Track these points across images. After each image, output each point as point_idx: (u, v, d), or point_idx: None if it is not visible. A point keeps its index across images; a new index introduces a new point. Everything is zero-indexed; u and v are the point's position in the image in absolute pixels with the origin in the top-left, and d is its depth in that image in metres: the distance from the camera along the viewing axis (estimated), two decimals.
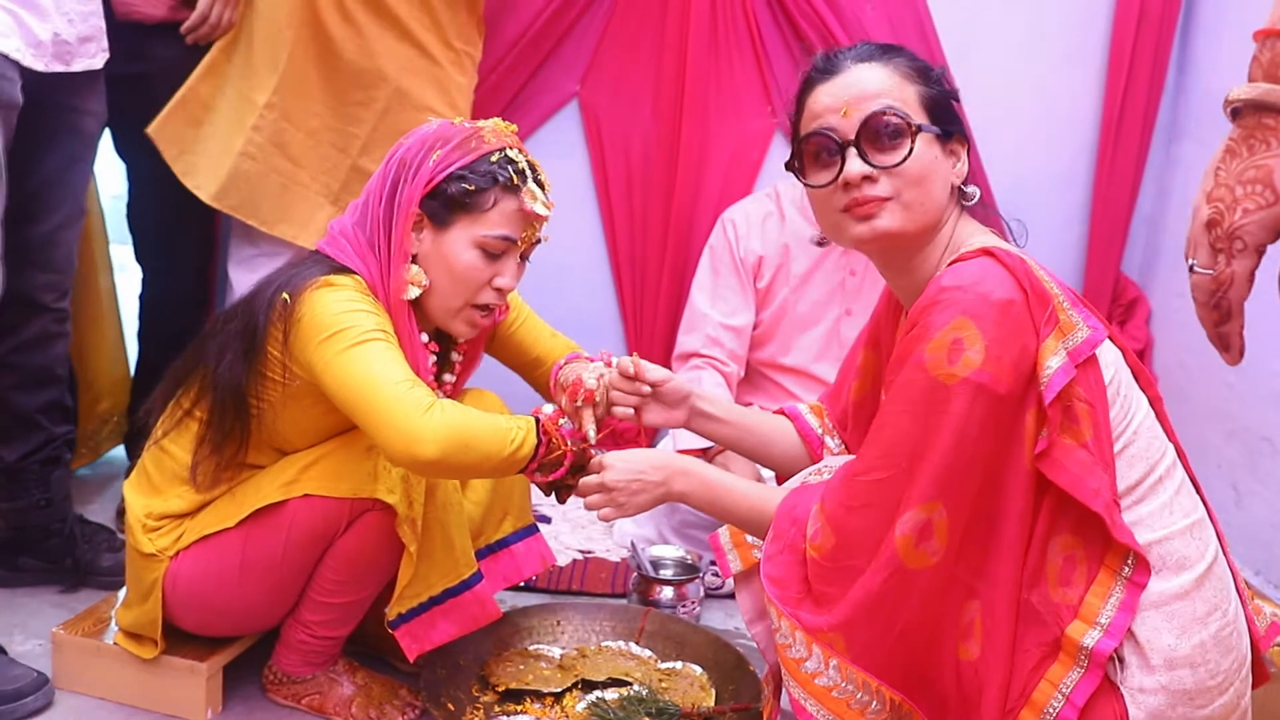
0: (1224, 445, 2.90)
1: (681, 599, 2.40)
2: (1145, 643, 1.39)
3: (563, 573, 2.64)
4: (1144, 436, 1.44)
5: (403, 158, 1.86)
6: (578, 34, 3.12)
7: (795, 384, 2.89)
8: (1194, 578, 1.42)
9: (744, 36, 3.10)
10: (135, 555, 1.97)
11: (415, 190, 1.83)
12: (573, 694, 2.07)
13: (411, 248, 1.86)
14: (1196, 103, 3.14)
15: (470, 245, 1.85)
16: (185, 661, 1.99)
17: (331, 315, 1.75)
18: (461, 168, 1.83)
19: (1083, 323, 1.41)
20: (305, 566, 1.93)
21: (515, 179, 1.85)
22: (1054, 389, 1.35)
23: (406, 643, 1.94)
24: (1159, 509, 1.43)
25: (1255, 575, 2.72)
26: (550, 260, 3.22)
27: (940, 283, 1.42)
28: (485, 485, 2.11)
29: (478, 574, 2.00)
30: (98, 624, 2.09)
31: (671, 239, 3.15)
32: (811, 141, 1.55)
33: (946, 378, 1.37)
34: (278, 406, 1.87)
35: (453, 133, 1.86)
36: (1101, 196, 3.21)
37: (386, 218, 1.85)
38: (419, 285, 1.86)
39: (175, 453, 1.95)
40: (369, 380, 1.70)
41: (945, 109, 1.55)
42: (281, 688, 2.05)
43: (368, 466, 1.85)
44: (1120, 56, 3.11)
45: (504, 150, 1.86)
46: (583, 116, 3.19)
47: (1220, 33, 3.05)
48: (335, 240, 1.88)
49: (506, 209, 1.86)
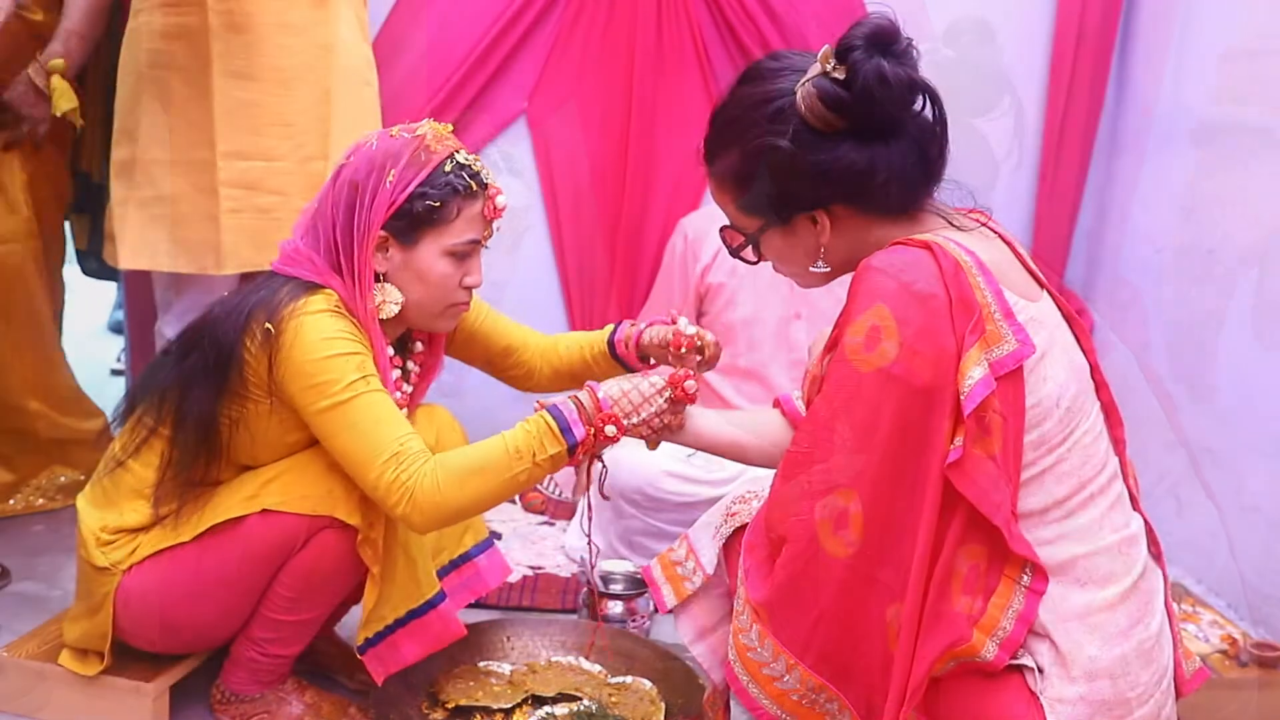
0: (1165, 455, 2.94)
1: (631, 614, 2.41)
2: (1066, 653, 1.39)
3: (513, 589, 2.64)
4: (1079, 453, 1.43)
5: (352, 180, 1.83)
6: (525, 51, 3.13)
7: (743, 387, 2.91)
8: (1119, 591, 1.42)
9: (689, 52, 3.12)
10: (87, 569, 1.95)
11: (377, 215, 1.82)
12: (522, 710, 2.07)
13: (379, 267, 1.86)
14: (1135, 119, 3.20)
15: (440, 255, 1.86)
16: (131, 682, 1.97)
17: (318, 358, 1.75)
18: (420, 184, 1.82)
19: (1012, 336, 1.36)
20: (260, 583, 1.91)
21: (472, 184, 1.86)
22: (974, 400, 1.32)
23: (374, 666, 1.94)
24: (1089, 524, 1.43)
25: (1197, 584, 2.76)
26: (498, 277, 3.25)
27: (870, 262, 1.40)
28: None
29: (440, 593, 1.99)
30: (42, 645, 2.07)
31: (620, 254, 3.18)
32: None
33: (862, 364, 1.36)
34: (251, 424, 1.86)
35: (400, 147, 1.84)
36: (1044, 211, 3.26)
37: (345, 242, 1.83)
38: (396, 304, 1.87)
39: (136, 469, 1.94)
40: (355, 453, 1.74)
41: (774, 196, 1.50)
42: (229, 707, 2.03)
43: (328, 484, 1.84)
44: (1060, 73, 3.17)
45: (453, 156, 1.86)
46: (531, 133, 3.20)
47: (1155, 50, 3.11)
48: (294, 260, 1.86)
49: (469, 215, 1.87)
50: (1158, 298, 3.04)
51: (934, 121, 1.48)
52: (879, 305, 1.36)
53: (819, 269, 1.54)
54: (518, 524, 3.01)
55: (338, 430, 1.75)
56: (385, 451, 1.72)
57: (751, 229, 1.56)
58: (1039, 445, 1.40)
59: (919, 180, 1.49)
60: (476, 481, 1.71)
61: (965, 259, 1.38)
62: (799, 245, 1.54)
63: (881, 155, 1.44)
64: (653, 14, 3.07)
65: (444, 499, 1.70)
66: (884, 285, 1.37)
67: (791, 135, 1.45)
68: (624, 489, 2.67)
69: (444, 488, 1.70)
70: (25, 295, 2.79)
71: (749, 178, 1.51)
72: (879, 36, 1.42)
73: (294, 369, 1.76)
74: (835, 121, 1.43)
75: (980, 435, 1.34)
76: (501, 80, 3.14)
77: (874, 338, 1.35)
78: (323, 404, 1.75)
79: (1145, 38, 3.16)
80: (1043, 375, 1.41)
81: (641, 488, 2.67)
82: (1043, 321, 1.44)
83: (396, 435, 1.73)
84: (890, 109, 1.43)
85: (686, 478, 2.70)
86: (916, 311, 1.35)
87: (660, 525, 2.69)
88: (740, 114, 1.51)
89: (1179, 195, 2.97)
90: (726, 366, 2.92)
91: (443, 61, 3.07)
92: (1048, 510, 1.42)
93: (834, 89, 1.42)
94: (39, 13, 2.71)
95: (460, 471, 1.71)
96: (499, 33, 3.07)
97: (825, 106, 1.42)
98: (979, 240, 1.47)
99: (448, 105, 3.08)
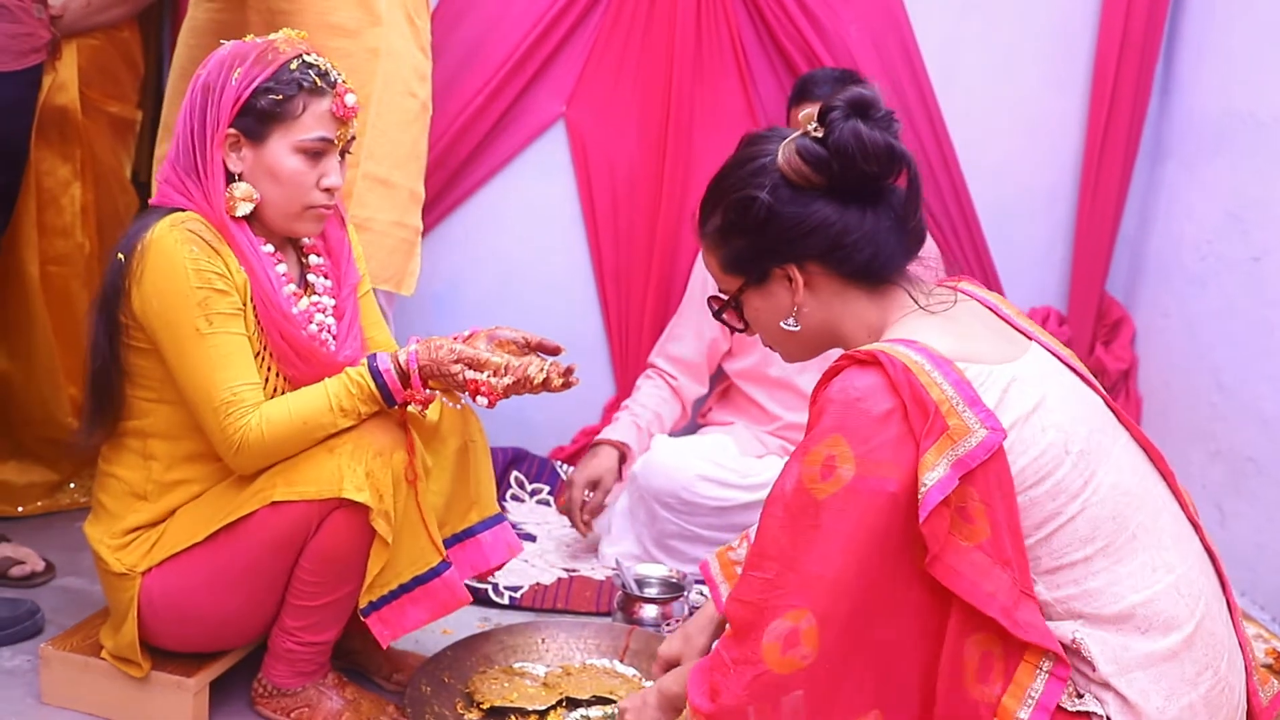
0: (1208, 465, 2.92)
1: (666, 617, 2.42)
2: (1135, 703, 1.37)
3: (547, 591, 2.65)
4: (1109, 501, 1.41)
5: (206, 83, 1.91)
6: (564, 56, 3.14)
7: (776, 395, 2.91)
8: (1183, 638, 1.40)
9: (729, 56, 3.12)
10: (108, 579, 1.99)
11: (224, 111, 1.89)
12: (557, 712, 2.08)
13: (234, 167, 1.93)
14: (1180, 124, 3.17)
15: (290, 152, 1.92)
16: (173, 677, 2.00)
17: (163, 291, 1.84)
18: (265, 80, 1.89)
19: (979, 424, 1.36)
20: (280, 573, 1.94)
21: (319, 81, 1.92)
22: (928, 505, 1.33)
23: (378, 629, 1.96)
24: (1139, 568, 1.41)
25: (1241, 596, 2.73)
26: (536, 279, 3.28)
27: (828, 393, 1.42)
28: (449, 475, 2.11)
29: (446, 561, 2.01)
30: (86, 639, 2.10)
31: (656, 259, 3.18)
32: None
33: (818, 492, 1.38)
34: (140, 359, 1.93)
35: (248, 49, 1.93)
36: (1085, 218, 3.23)
37: (201, 143, 1.91)
38: (250, 201, 1.93)
39: (120, 473, 1.98)
40: (192, 395, 1.87)
41: (751, 251, 1.55)
42: (270, 701, 2.05)
43: (331, 466, 1.87)
44: (1104, 78, 3.14)
45: (300, 56, 1.93)
46: (569, 137, 3.21)
47: (1204, 54, 3.09)
48: (162, 189, 1.96)
49: (317, 111, 1.93)
50: (1201, 307, 3.01)
51: (909, 194, 1.52)
52: (835, 436, 1.39)
53: (789, 326, 1.57)
54: (551, 527, 3.02)
55: (178, 369, 1.87)
56: (216, 398, 1.85)
57: (732, 289, 1.60)
58: (1056, 494, 1.40)
59: (894, 250, 1.53)
60: (300, 436, 1.87)
61: (916, 359, 1.39)
62: (775, 306, 1.58)
63: (855, 217, 1.50)
64: (692, 18, 3.07)
65: (267, 450, 1.87)
66: (841, 418, 1.39)
67: (770, 188, 1.51)
68: (658, 493, 2.67)
69: (268, 439, 1.85)
70: (72, 318, 2.84)
71: (730, 232, 1.56)
72: (859, 102, 1.48)
73: (143, 302, 1.86)
74: (813, 177, 1.49)
75: (962, 524, 1.35)
76: (540, 84, 3.16)
77: (829, 467, 1.38)
78: (165, 340, 1.86)
79: (1191, 42, 3.13)
80: (1040, 425, 1.41)
81: (676, 492, 2.67)
82: (1027, 377, 1.44)
83: (230, 384, 1.85)
84: (866, 168, 1.47)
85: (721, 482, 2.69)
86: (875, 430, 1.38)
87: (694, 529, 2.69)
88: (726, 173, 1.59)
89: (1224, 202, 2.94)
90: (759, 377, 2.93)
91: (482, 65, 3.09)
92: (1091, 559, 1.41)
93: (812, 145, 1.48)
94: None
95: (286, 426, 1.86)
96: (538, 37, 3.09)
97: (803, 161, 1.48)
98: (941, 325, 1.49)
99: (486, 109, 3.10)
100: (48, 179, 2.74)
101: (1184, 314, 3.09)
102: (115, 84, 2.89)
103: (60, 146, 2.75)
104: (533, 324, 2.25)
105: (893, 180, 1.51)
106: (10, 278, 2.72)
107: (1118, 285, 3.35)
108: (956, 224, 3.20)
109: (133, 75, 2.95)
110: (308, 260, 2.09)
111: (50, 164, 2.74)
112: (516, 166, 3.22)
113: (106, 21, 2.80)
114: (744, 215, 1.53)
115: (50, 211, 2.77)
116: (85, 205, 2.83)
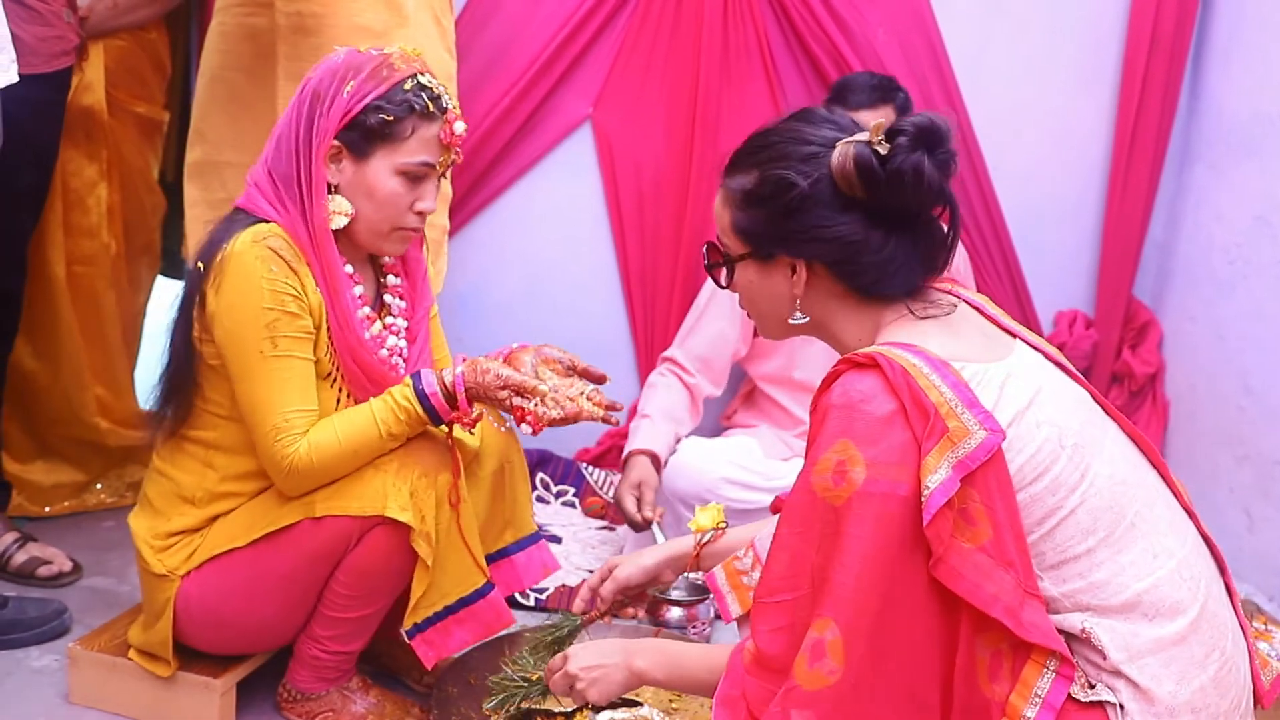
0: (1236, 469, 2.90)
1: (692, 620, 2.41)
2: (1147, 689, 1.37)
3: (574, 593, 2.64)
4: (1105, 492, 1.41)
5: (315, 90, 1.88)
6: (591, 58, 3.14)
7: (799, 398, 2.89)
8: (1189, 621, 1.40)
9: (755, 58, 3.11)
10: (147, 578, 1.99)
11: (331, 122, 1.86)
12: (583, 713, 2.07)
13: (331, 178, 1.89)
14: (1209, 127, 3.15)
15: (392, 173, 1.89)
16: (199, 678, 2.01)
17: (235, 307, 1.84)
18: (378, 98, 1.86)
19: (978, 426, 1.35)
20: (316, 583, 1.94)
21: (430, 105, 1.89)
22: (932, 508, 1.32)
23: (423, 651, 1.96)
24: (1140, 555, 1.42)
25: (1269, 601, 2.71)
26: (562, 280, 3.28)
27: (829, 400, 1.41)
28: (485, 495, 2.12)
29: (490, 583, 2.01)
30: (114, 639, 2.11)
31: (682, 261, 3.17)
32: None
33: (834, 499, 1.37)
34: (217, 383, 1.92)
35: (363, 61, 1.89)
36: (1113, 221, 3.21)
37: (304, 149, 1.88)
38: (345, 215, 1.90)
39: (175, 475, 1.98)
40: (248, 415, 1.87)
41: (769, 229, 1.53)
42: (295, 704, 2.06)
43: (377, 484, 1.87)
44: (1132, 81, 3.12)
45: (415, 76, 1.89)
46: (595, 139, 3.21)
47: (1233, 57, 3.07)
48: (250, 193, 1.92)
49: (425, 135, 1.90)
50: (1229, 310, 2.99)
51: (948, 236, 1.52)
52: (842, 441, 1.38)
53: (798, 320, 1.55)
54: (577, 529, 3.02)
55: (238, 387, 1.87)
56: (269, 422, 1.84)
57: (734, 252, 1.58)
58: (1055, 489, 1.40)
59: (904, 278, 1.51)
60: (349, 461, 1.87)
61: (913, 362, 1.39)
62: (769, 287, 1.56)
63: (878, 239, 1.47)
64: (719, 19, 3.07)
65: (315, 475, 1.87)
66: (846, 422, 1.39)
67: (813, 181, 1.47)
68: (684, 495, 2.67)
69: (317, 466, 1.85)
70: (98, 319, 2.86)
71: (754, 200, 1.54)
72: (930, 133, 1.44)
73: (216, 314, 1.86)
74: (858, 189, 1.45)
75: (964, 526, 1.35)
76: (567, 85, 3.16)
77: (841, 472, 1.37)
78: (230, 356, 1.86)
79: (1220, 45, 3.11)
80: (1034, 421, 1.41)
81: (701, 494, 2.66)
82: (1018, 373, 1.44)
83: (284, 409, 1.85)
84: (911, 203, 1.46)
85: (746, 484, 2.69)
86: (881, 432, 1.37)
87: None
88: (778, 141, 1.54)
89: (1253, 205, 2.92)
90: (784, 380, 2.91)
91: (509, 66, 3.09)
92: (1094, 551, 1.41)
93: (871, 160, 1.44)
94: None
95: (334, 452, 1.85)
96: (565, 38, 3.09)
97: (856, 171, 1.44)
98: (934, 329, 1.48)
99: (513, 110, 3.10)
100: (74, 179, 2.75)
101: (1211, 318, 3.07)
102: (142, 85, 2.90)
103: (86, 147, 2.76)
104: (557, 326, 2.27)
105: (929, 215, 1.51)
106: (37, 278, 2.74)
107: (1145, 289, 3.33)
108: (984, 228, 3.18)
109: (159, 76, 2.96)
110: (385, 280, 2.08)
111: (77, 164, 2.75)
112: (543, 168, 3.22)
113: (133, 22, 2.81)
114: (776, 193, 1.50)
115: (76, 212, 2.78)
116: (111, 206, 2.85)
